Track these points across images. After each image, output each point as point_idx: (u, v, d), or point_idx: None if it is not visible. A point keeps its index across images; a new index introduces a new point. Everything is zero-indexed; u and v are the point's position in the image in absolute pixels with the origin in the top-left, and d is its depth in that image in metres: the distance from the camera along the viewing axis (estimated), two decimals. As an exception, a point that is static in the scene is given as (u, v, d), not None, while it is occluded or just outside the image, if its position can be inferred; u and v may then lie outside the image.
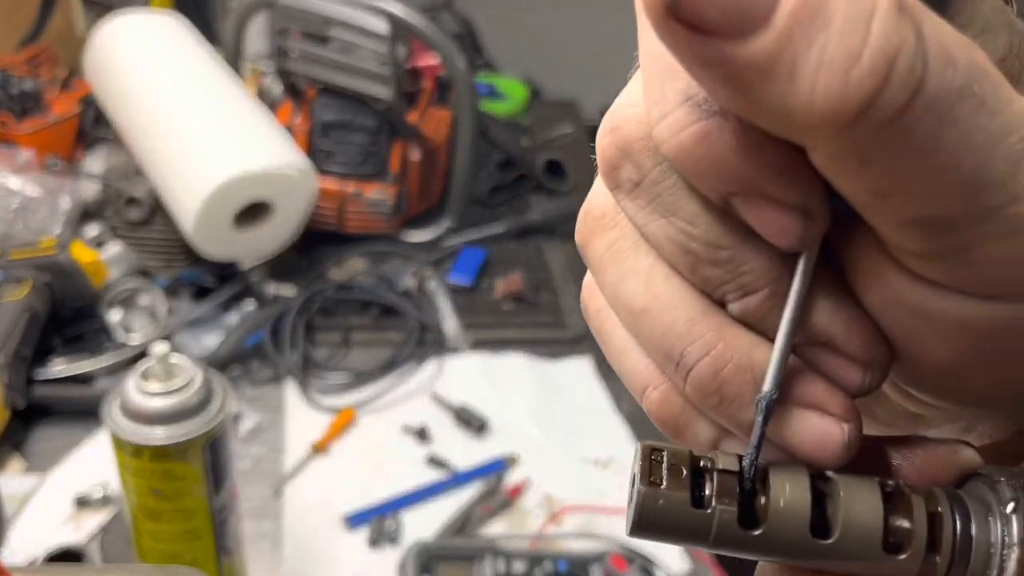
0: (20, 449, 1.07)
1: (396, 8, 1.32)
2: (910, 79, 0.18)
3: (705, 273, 0.23)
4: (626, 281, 0.24)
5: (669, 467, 0.23)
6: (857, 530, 0.22)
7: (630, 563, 0.92)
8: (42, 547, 0.89)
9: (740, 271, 0.23)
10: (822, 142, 0.19)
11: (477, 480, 1.06)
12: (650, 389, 0.25)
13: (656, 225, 0.23)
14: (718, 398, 0.23)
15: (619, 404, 1.18)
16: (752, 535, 0.22)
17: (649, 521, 0.22)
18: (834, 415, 0.23)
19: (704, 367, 0.23)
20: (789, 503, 0.22)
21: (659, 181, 0.23)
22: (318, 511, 1.02)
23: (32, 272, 1.14)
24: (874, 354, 0.23)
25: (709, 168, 0.21)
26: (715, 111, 0.21)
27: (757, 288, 0.23)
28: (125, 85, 1.34)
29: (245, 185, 1.21)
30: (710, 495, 0.22)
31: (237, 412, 1.12)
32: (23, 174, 1.30)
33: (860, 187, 0.20)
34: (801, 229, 0.22)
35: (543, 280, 1.40)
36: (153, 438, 0.73)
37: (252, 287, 1.30)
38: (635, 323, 0.25)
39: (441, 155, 1.46)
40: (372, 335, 1.27)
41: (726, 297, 0.23)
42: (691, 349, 0.23)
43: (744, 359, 0.23)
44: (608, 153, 0.24)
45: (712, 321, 0.23)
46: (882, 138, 0.18)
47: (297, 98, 1.43)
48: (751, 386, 0.23)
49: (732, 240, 0.23)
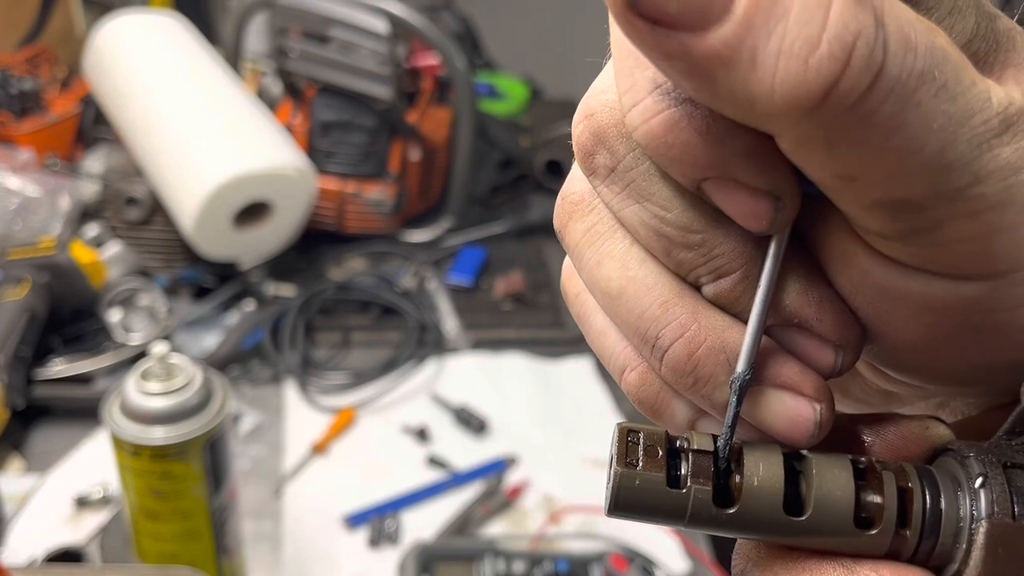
0: (20, 449, 1.07)
1: (396, 8, 1.32)
2: (870, 64, 0.18)
3: (679, 256, 0.24)
4: (603, 265, 0.25)
5: (645, 448, 0.23)
6: (829, 507, 0.22)
7: (630, 563, 0.92)
8: (42, 547, 0.89)
9: (713, 254, 0.23)
10: (786, 129, 0.19)
11: (477, 480, 1.06)
12: (628, 371, 0.26)
13: (631, 210, 0.24)
14: (692, 379, 0.24)
15: (619, 404, 1.18)
16: (727, 513, 0.22)
17: (626, 501, 0.23)
18: (806, 395, 0.24)
19: (678, 348, 0.24)
20: (763, 482, 0.23)
21: (632, 167, 0.23)
22: (318, 511, 1.02)
23: (32, 272, 1.14)
24: (846, 334, 0.24)
25: (680, 154, 0.21)
26: (684, 98, 0.21)
27: (730, 271, 0.23)
28: (125, 85, 1.34)
29: (245, 185, 1.21)
30: (685, 475, 0.23)
31: (237, 412, 1.12)
32: (23, 174, 1.30)
33: (826, 172, 0.20)
34: (771, 213, 0.22)
35: (543, 280, 1.40)
36: (153, 438, 0.73)
37: (252, 287, 1.30)
38: (612, 306, 0.25)
39: (441, 155, 1.46)
40: (372, 335, 1.27)
41: (700, 280, 0.24)
42: (666, 331, 0.24)
43: (717, 340, 0.24)
44: (583, 139, 0.24)
45: (686, 303, 0.24)
46: (845, 123, 0.19)
47: (297, 98, 1.43)
48: (725, 367, 0.24)
49: (704, 224, 0.23)
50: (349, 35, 1.35)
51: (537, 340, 1.28)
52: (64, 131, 1.46)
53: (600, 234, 0.25)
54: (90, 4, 1.81)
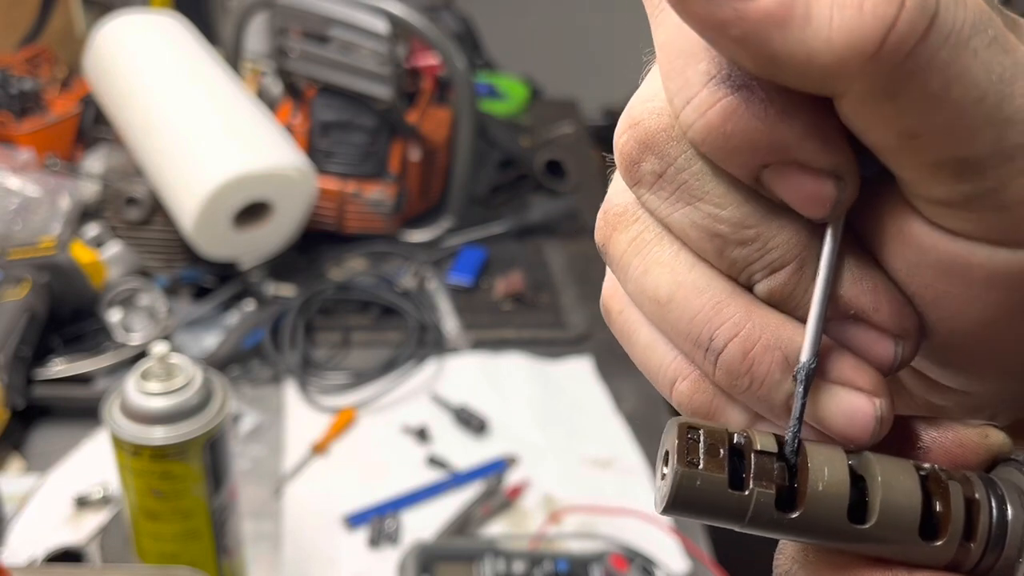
0: (20, 449, 1.07)
1: (396, 8, 1.32)
2: (924, 8, 0.18)
3: (732, 255, 0.23)
4: (650, 272, 0.25)
5: (707, 447, 0.23)
6: (894, 516, 0.22)
7: (630, 563, 0.92)
8: (42, 547, 0.89)
9: (768, 247, 0.23)
10: (848, 84, 0.19)
11: (477, 480, 1.06)
12: (679, 380, 0.25)
13: (681, 213, 0.23)
14: (748, 379, 0.23)
15: (619, 404, 1.18)
16: (789, 518, 0.22)
17: (684, 501, 0.22)
18: (865, 391, 0.23)
19: (734, 348, 0.23)
20: (827, 487, 0.22)
21: (684, 168, 0.23)
22: (318, 511, 1.02)
23: (32, 272, 1.14)
24: (904, 324, 0.23)
25: (740, 142, 0.21)
26: (740, 84, 0.21)
27: (785, 263, 0.23)
28: (125, 85, 1.34)
29: (245, 185, 1.21)
30: (748, 476, 0.22)
31: (237, 412, 1.12)
32: (23, 174, 1.30)
33: (890, 130, 0.20)
34: (834, 194, 0.22)
35: (543, 280, 1.40)
36: (153, 438, 0.73)
37: (252, 287, 1.30)
38: (661, 313, 0.25)
39: (441, 155, 1.46)
40: (372, 335, 1.27)
41: (753, 277, 0.23)
42: (720, 331, 0.23)
43: (773, 337, 0.23)
44: (628, 148, 0.24)
45: (739, 302, 0.24)
46: (905, 72, 0.19)
47: (297, 98, 1.43)
48: (781, 364, 0.23)
49: (759, 218, 0.23)
50: (349, 35, 1.35)
51: (537, 340, 1.28)
52: (64, 131, 1.45)
53: (647, 242, 0.25)
54: (90, 4, 1.81)
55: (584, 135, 1.85)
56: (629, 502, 1.03)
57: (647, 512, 1.02)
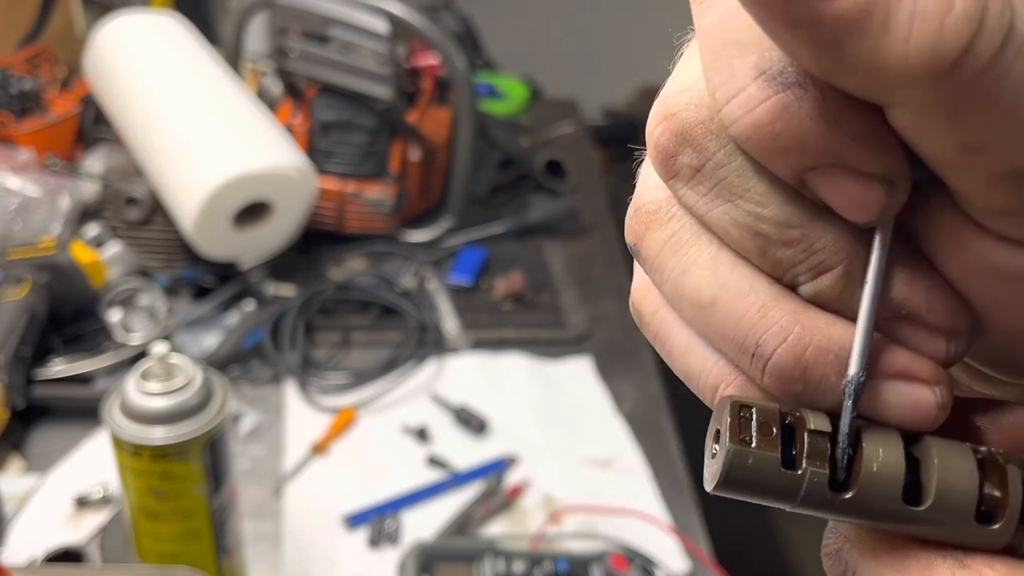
0: (20, 449, 1.07)
1: (396, 8, 1.32)
2: (1002, 22, 0.18)
3: (776, 255, 0.22)
4: (689, 274, 0.23)
5: (759, 425, 0.22)
6: (950, 498, 0.21)
7: (630, 563, 0.92)
8: (42, 547, 0.89)
9: (813, 249, 0.22)
10: (913, 97, 0.18)
11: (477, 480, 1.06)
12: (723, 386, 0.24)
13: (721, 210, 0.22)
14: (801, 385, 0.23)
15: (619, 404, 1.18)
16: (842, 498, 0.22)
17: (736, 478, 0.22)
18: (924, 380, 0.22)
19: (784, 353, 0.22)
20: (882, 467, 0.22)
21: (724, 163, 0.22)
22: (318, 511, 1.02)
23: (31, 272, 1.14)
24: (958, 322, 0.22)
25: (788, 143, 0.20)
26: (792, 82, 0.20)
27: (831, 266, 0.22)
28: (125, 85, 1.34)
29: (245, 185, 1.21)
30: (800, 456, 0.22)
31: (237, 412, 1.12)
32: (22, 174, 1.30)
33: (949, 143, 0.19)
34: (883, 199, 0.21)
35: (543, 280, 1.40)
36: (153, 438, 0.73)
37: (252, 287, 1.30)
38: (702, 317, 0.24)
39: (441, 155, 1.46)
40: (372, 335, 1.27)
41: (798, 279, 0.23)
42: (767, 336, 0.22)
43: (824, 340, 0.22)
44: (663, 141, 0.23)
45: (786, 305, 0.23)
46: (976, 86, 0.18)
47: (297, 98, 1.43)
48: (835, 366, 0.22)
49: (804, 218, 0.22)
50: (349, 35, 1.35)
51: (537, 340, 1.28)
52: (64, 131, 1.45)
53: (684, 241, 0.23)
54: (90, 4, 1.81)
55: (584, 135, 1.85)
56: (629, 502, 1.03)
57: (647, 512, 1.02)
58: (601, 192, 1.66)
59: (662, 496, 1.05)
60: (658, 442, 1.13)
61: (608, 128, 2.78)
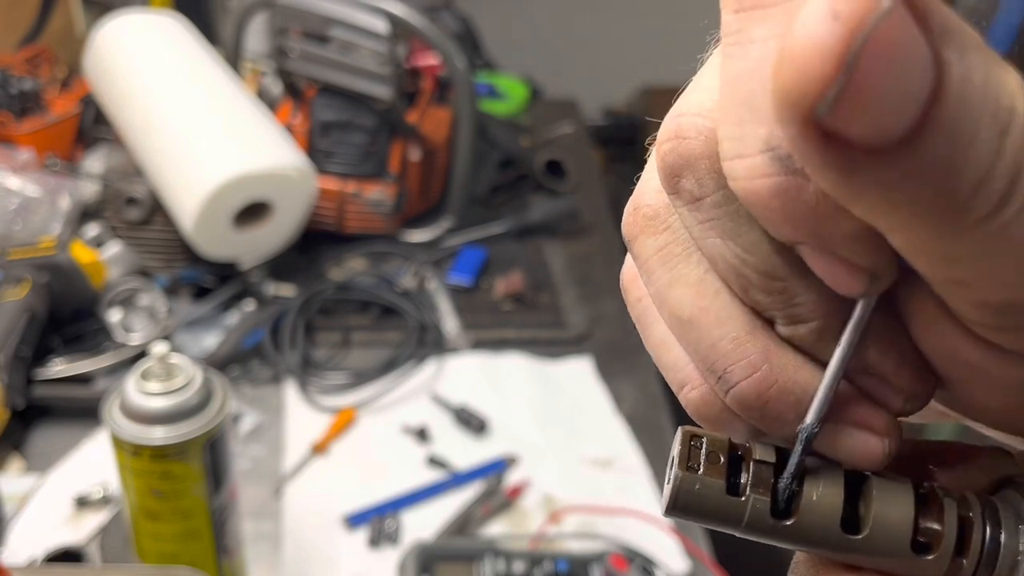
0: (20, 449, 1.07)
1: (396, 8, 1.32)
2: (1015, 187, 0.18)
3: (756, 297, 0.23)
4: (674, 287, 0.24)
5: (708, 454, 0.24)
6: (886, 528, 0.23)
7: (630, 563, 0.92)
8: (42, 547, 0.89)
9: (793, 303, 0.23)
10: (915, 239, 0.19)
11: (477, 480, 1.06)
12: (688, 388, 0.25)
13: (711, 243, 0.23)
14: (759, 415, 0.24)
15: (619, 404, 1.18)
16: (783, 525, 0.23)
17: (684, 503, 0.24)
18: (876, 432, 0.23)
19: (748, 386, 0.23)
20: (821, 497, 0.23)
21: (720, 205, 0.22)
22: (318, 511, 1.02)
23: (31, 272, 1.14)
24: (920, 388, 0.23)
25: (782, 220, 0.20)
26: (797, 169, 0.19)
27: (807, 320, 0.23)
28: (125, 85, 1.34)
29: (245, 185, 1.21)
30: (745, 484, 0.23)
31: (237, 412, 1.12)
32: (23, 174, 1.30)
33: (941, 276, 0.20)
34: (866, 287, 0.21)
35: (543, 280, 1.40)
36: (153, 438, 0.73)
37: (252, 287, 1.30)
38: (680, 330, 0.24)
39: (441, 155, 1.46)
40: (372, 335, 1.27)
41: (776, 321, 0.23)
42: (736, 368, 0.23)
43: (788, 383, 0.23)
44: (669, 160, 0.23)
45: (759, 341, 0.23)
46: (979, 239, 0.18)
47: (297, 98, 1.43)
48: (794, 407, 0.23)
49: (788, 272, 0.22)
50: (349, 35, 1.35)
51: (537, 340, 1.28)
52: (64, 131, 1.45)
53: (675, 255, 0.24)
54: (90, 4, 1.81)
55: (584, 135, 1.85)
56: (629, 502, 1.03)
57: (647, 512, 1.02)
58: (601, 192, 1.66)
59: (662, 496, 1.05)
60: (658, 442, 1.13)
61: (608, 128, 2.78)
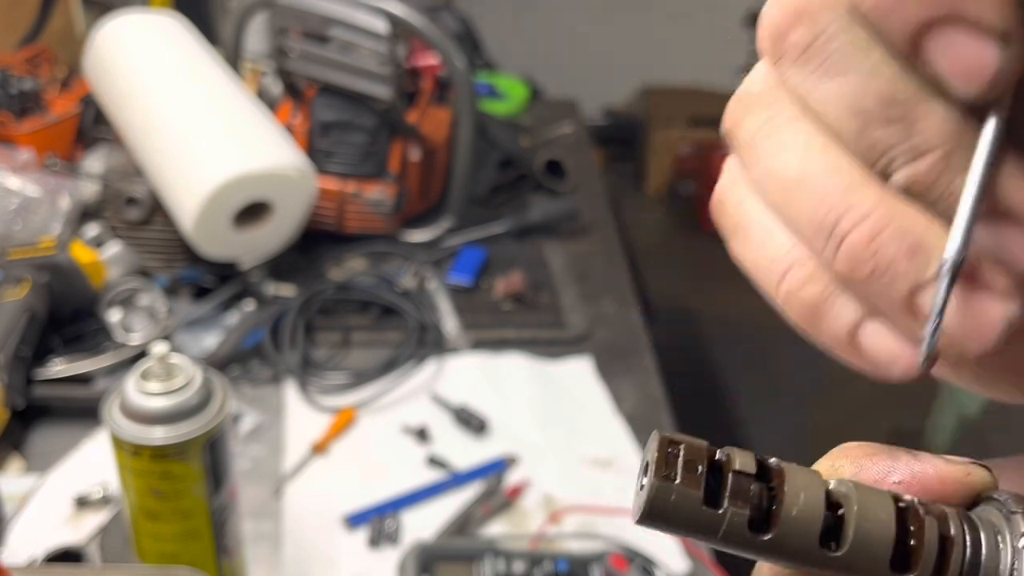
0: (20, 449, 1.07)
1: (396, 8, 1.32)
2: None
3: (875, 135, 0.22)
4: (780, 154, 0.24)
5: (685, 462, 0.23)
6: (866, 546, 0.22)
7: (630, 563, 0.92)
8: (42, 547, 0.89)
9: (915, 130, 0.22)
10: None
11: (477, 480, 1.06)
12: (795, 268, 0.24)
13: (825, 87, 0.22)
14: (871, 265, 0.23)
15: (619, 404, 1.18)
16: (761, 539, 0.22)
17: (658, 513, 0.23)
18: (999, 292, 0.22)
19: (860, 234, 0.22)
20: (801, 512, 0.22)
21: (836, 36, 0.22)
22: (318, 511, 1.02)
23: (31, 272, 1.14)
24: None
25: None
26: None
27: (931, 148, 0.22)
28: (125, 85, 1.34)
29: (245, 185, 1.21)
30: (723, 495, 0.22)
31: (237, 412, 1.12)
32: (22, 174, 1.30)
33: None
34: (996, 62, 0.20)
35: (543, 280, 1.40)
36: (152, 438, 0.73)
37: (252, 287, 1.30)
38: (787, 196, 0.24)
39: (441, 155, 1.46)
40: (372, 335, 1.27)
41: (893, 164, 0.22)
42: (846, 215, 0.23)
43: (903, 225, 0.22)
44: (776, 20, 0.23)
45: (871, 189, 0.23)
46: None
47: (296, 98, 1.43)
48: (907, 255, 0.22)
49: (909, 94, 0.22)
50: (349, 35, 1.35)
51: (537, 340, 1.28)
52: (64, 131, 1.45)
53: (779, 125, 0.24)
54: (90, 4, 1.81)
55: (584, 135, 1.85)
56: (629, 502, 1.03)
57: (647, 512, 1.02)
58: (601, 192, 1.66)
59: (662, 496, 1.05)
60: (658, 442, 1.12)
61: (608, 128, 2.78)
